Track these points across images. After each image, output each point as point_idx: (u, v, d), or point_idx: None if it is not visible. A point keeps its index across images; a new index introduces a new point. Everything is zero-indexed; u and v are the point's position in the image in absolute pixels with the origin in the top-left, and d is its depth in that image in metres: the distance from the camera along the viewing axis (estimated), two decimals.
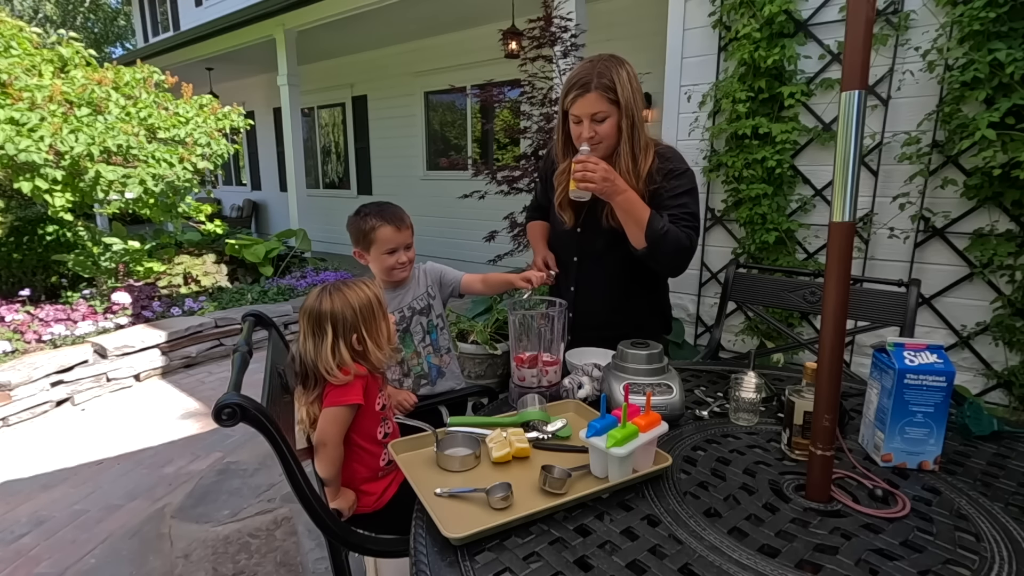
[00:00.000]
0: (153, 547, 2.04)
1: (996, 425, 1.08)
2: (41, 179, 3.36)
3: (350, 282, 1.27)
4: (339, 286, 1.25)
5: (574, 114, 1.39)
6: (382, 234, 1.52)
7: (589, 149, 1.36)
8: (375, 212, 1.54)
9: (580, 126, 1.39)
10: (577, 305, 1.61)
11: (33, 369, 3.11)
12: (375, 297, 1.26)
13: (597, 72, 1.35)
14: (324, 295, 1.23)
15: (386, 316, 1.29)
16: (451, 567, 0.73)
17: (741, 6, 2.76)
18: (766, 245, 2.83)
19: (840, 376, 0.83)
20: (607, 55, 1.41)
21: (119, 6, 21.06)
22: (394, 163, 7.92)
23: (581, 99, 1.36)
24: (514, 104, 4.26)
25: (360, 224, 1.54)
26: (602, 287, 1.58)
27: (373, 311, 1.25)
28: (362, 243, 1.56)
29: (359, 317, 1.22)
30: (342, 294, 1.23)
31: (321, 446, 1.19)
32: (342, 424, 1.20)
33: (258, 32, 6.61)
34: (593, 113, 1.37)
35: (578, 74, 1.37)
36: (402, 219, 1.56)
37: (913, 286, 1.68)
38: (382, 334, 1.26)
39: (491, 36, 5.31)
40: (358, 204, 1.60)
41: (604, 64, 1.37)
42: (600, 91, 1.34)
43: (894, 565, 0.72)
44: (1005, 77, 2.13)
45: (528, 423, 1.10)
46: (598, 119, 1.38)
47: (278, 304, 4.58)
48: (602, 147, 1.41)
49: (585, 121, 1.38)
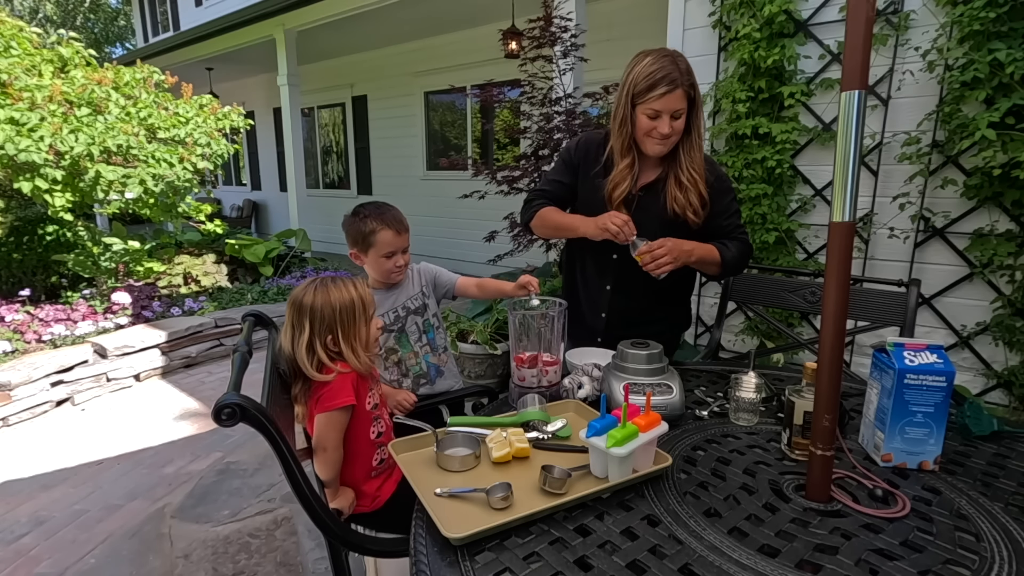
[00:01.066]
0: (153, 547, 2.04)
1: (996, 425, 1.08)
2: (41, 179, 3.36)
3: (340, 280, 1.25)
4: (327, 283, 1.24)
5: (655, 109, 1.37)
6: (382, 238, 1.51)
7: (641, 244, 1.38)
8: (375, 214, 1.53)
9: (657, 121, 1.38)
10: (613, 304, 1.60)
11: (33, 369, 3.11)
12: (359, 299, 1.24)
13: (681, 70, 1.35)
14: (311, 288, 1.23)
15: (368, 320, 1.26)
16: (451, 567, 0.73)
17: (741, 6, 2.76)
18: (766, 245, 2.83)
19: (840, 376, 0.83)
20: (675, 51, 1.40)
21: (119, 6, 21.06)
22: (394, 163, 7.92)
23: (669, 95, 1.35)
24: (514, 104, 4.26)
25: (360, 226, 1.52)
26: (642, 285, 1.55)
27: (354, 314, 1.23)
28: (360, 245, 1.54)
29: (337, 318, 1.21)
30: (327, 291, 1.22)
31: (320, 450, 1.19)
32: (339, 427, 1.20)
33: (258, 32, 6.61)
34: (676, 110, 1.37)
35: (662, 70, 1.35)
36: (402, 223, 1.55)
37: (913, 286, 1.68)
38: (360, 338, 1.24)
39: (491, 36, 5.30)
40: (358, 204, 1.59)
41: (683, 61, 1.37)
42: (685, 88, 1.36)
43: (894, 565, 0.72)
44: (1005, 77, 2.13)
45: (528, 423, 1.10)
46: (676, 116, 1.38)
47: (278, 304, 4.58)
48: (670, 142, 1.43)
49: (665, 117, 1.37)
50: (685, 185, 1.46)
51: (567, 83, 3.40)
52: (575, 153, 1.61)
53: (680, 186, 1.46)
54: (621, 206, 1.51)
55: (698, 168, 1.46)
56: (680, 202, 1.46)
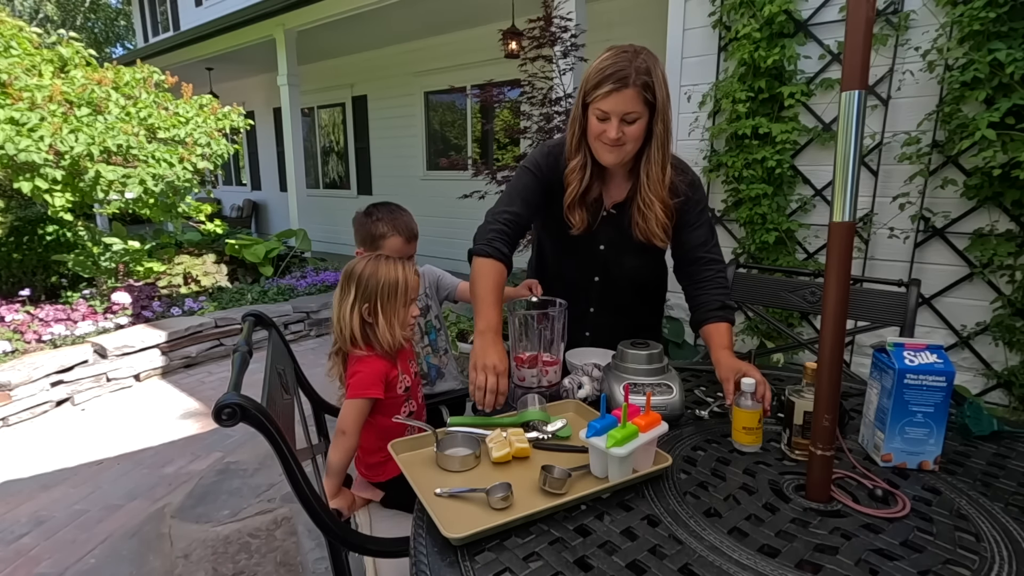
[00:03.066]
0: (153, 547, 2.04)
1: (996, 425, 1.08)
2: (41, 179, 3.36)
3: (393, 260, 1.30)
4: (380, 258, 1.30)
5: (602, 109, 1.21)
6: (391, 243, 1.51)
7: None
8: (387, 219, 1.51)
9: (606, 124, 1.22)
10: (597, 322, 1.54)
11: (33, 369, 3.11)
12: (404, 281, 1.29)
13: (636, 67, 1.18)
14: (365, 259, 1.30)
15: (408, 304, 1.31)
16: (451, 567, 0.73)
17: (741, 6, 2.76)
18: (766, 245, 2.83)
19: (840, 376, 0.83)
20: (641, 47, 1.22)
21: (119, 6, 21.06)
22: (394, 163, 7.92)
23: (616, 95, 1.18)
24: (514, 104, 4.26)
25: (371, 227, 1.51)
26: (627, 304, 1.52)
27: (396, 292, 1.28)
28: (368, 245, 1.54)
29: (379, 290, 1.26)
30: (377, 264, 1.28)
31: (340, 434, 1.24)
32: (361, 414, 1.25)
33: (258, 32, 6.61)
34: (626, 112, 1.20)
35: (613, 66, 1.18)
36: (412, 231, 1.55)
37: (913, 286, 1.68)
38: (396, 316, 1.28)
39: (491, 36, 5.30)
40: (358, 204, 1.59)
41: (643, 59, 1.19)
42: (638, 88, 1.18)
43: (894, 565, 0.72)
44: (1005, 77, 2.13)
45: (528, 423, 1.09)
46: (629, 119, 1.21)
47: (278, 304, 4.58)
48: (626, 150, 1.26)
49: (614, 120, 1.21)
50: (642, 210, 1.32)
51: (567, 83, 3.41)
52: (544, 167, 1.40)
53: (638, 210, 1.34)
54: (580, 210, 1.36)
55: (656, 190, 1.30)
56: (642, 229, 1.35)
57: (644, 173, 1.30)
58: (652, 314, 1.65)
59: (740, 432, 1.02)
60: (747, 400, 1.02)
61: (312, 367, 1.34)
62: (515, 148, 6.28)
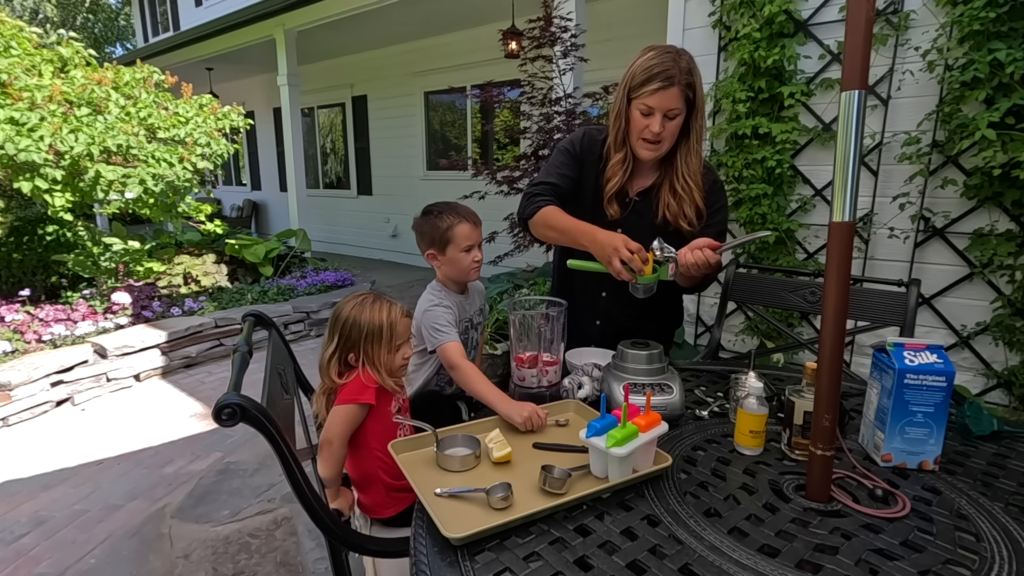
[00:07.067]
0: (153, 547, 2.04)
1: (996, 425, 1.08)
2: (41, 179, 3.36)
3: (381, 301, 1.27)
4: (367, 301, 1.27)
5: (648, 105, 1.31)
6: (460, 231, 1.46)
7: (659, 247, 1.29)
8: (448, 210, 1.49)
9: (650, 119, 1.33)
10: (610, 311, 1.56)
11: (33, 369, 3.11)
12: (389, 326, 1.24)
13: (680, 67, 1.29)
14: (351, 302, 1.26)
15: (395, 349, 1.26)
16: (451, 567, 0.73)
17: (741, 6, 2.76)
18: (766, 245, 2.83)
19: (840, 376, 0.83)
20: (682, 49, 1.34)
21: (119, 6, 21.05)
22: (394, 163, 7.92)
23: (663, 92, 1.29)
24: (514, 104, 4.26)
25: (436, 223, 1.47)
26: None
27: (381, 338, 1.24)
28: (437, 243, 1.48)
29: (363, 338, 1.23)
30: (363, 309, 1.25)
31: (326, 444, 1.19)
32: (350, 423, 1.20)
33: (258, 32, 6.61)
34: (669, 109, 1.31)
35: (660, 65, 1.29)
36: (476, 216, 1.51)
37: (913, 286, 1.68)
38: (380, 361, 1.25)
39: (491, 36, 5.30)
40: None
41: (685, 60, 1.31)
42: (682, 87, 1.29)
43: (894, 565, 0.72)
44: (1005, 77, 2.13)
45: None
46: (671, 116, 1.32)
47: (278, 304, 4.58)
48: (663, 145, 1.37)
49: (658, 115, 1.32)
50: (679, 194, 1.41)
51: (567, 83, 3.41)
52: (579, 145, 1.52)
53: (674, 193, 1.42)
54: (616, 203, 1.46)
55: (694, 176, 1.41)
56: (673, 210, 1.42)
57: (683, 162, 1.41)
58: (660, 303, 1.63)
59: (746, 435, 1.02)
60: (753, 402, 1.01)
61: (312, 367, 1.33)
62: (515, 148, 6.28)
